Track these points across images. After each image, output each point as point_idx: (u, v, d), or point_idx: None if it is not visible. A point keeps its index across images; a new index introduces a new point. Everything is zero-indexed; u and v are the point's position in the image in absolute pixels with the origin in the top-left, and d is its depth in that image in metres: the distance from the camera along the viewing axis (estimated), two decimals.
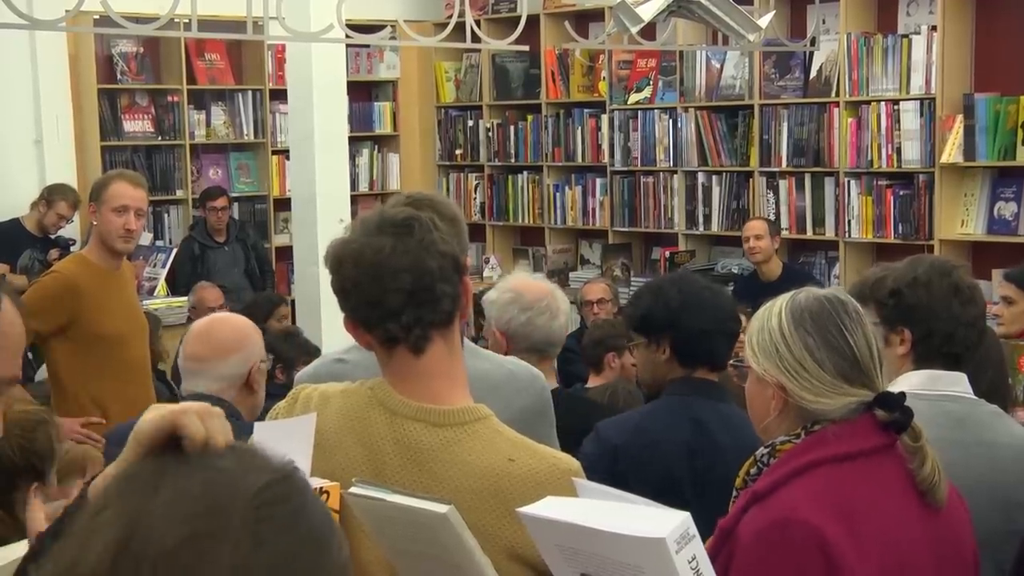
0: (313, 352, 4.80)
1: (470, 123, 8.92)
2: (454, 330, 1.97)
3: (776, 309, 2.00)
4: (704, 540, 1.58)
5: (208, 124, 8.31)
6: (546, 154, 8.42)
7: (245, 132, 8.45)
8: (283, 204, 8.32)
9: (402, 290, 1.89)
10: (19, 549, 1.93)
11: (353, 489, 1.75)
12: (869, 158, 6.79)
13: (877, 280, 2.50)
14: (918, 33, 6.62)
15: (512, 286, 3.28)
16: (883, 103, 6.69)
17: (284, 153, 8.16)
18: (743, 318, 3.22)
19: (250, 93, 8.43)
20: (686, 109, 7.56)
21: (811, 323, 1.95)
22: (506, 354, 3.13)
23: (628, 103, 7.89)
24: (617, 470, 2.77)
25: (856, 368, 1.94)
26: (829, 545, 1.83)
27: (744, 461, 2.04)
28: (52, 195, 7.01)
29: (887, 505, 1.92)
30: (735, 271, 7.16)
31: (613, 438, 2.90)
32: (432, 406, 1.93)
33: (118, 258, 4.37)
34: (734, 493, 2.03)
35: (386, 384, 1.96)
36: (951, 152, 6.42)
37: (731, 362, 2.21)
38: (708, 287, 3.06)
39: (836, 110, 6.90)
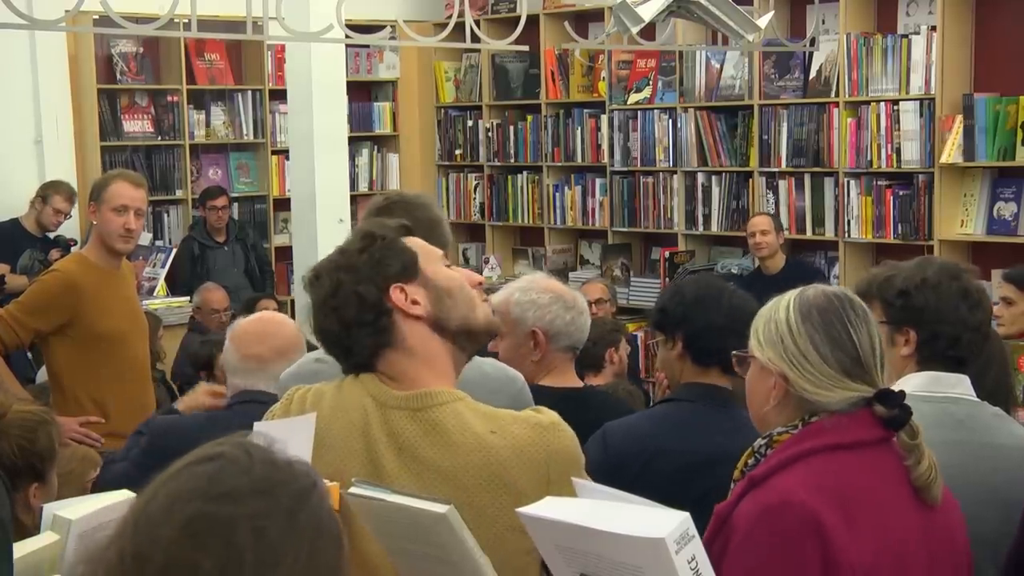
0: None
1: (470, 123, 8.91)
2: (415, 331, 2.00)
3: (784, 303, 2.02)
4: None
5: (208, 124, 8.30)
6: (546, 154, 8.41)
7: (245, 132, 8.45)
8: (283, 204, 8.32)
9: (335, 340, 2.04)
10: (18, 549, 1.93)
11: (353, 489, 1.76)
12: (869, 158, 6.79)
13: (885, 279, 2.49)
14: (918, 33, 6.61)
15: (546, 287, 3.23)
16: (883, 103, 6.69)
17: (284, 153, 8.16)
18: None
19: (250, 93, 8.42)
20: (686, 109, 7.56)
21: (817, 317, 1.98)
22: (542, 355, 3.15)
23: (628, 103, 7.88)
24: (621, 477, 2.71)
25: (858, 365, 1.96)
26: (825, 529, 1.85)
27: None
28: (46, 191, 7.01)
29: (883, 495, 1.94)
30: (735, 271, 7.15)
31: (619, 445, 2.82)
32: (411, 392, 1.97)
33: (118, 258, 4.37)
34: (731, 485, 2.04)
35: (374, 377, 2.01)
36: (951, 152, 6.41)
37: (734, 352, 2.19)
38: (732, 290, 2.97)
39: (836, 110, 6.89)
